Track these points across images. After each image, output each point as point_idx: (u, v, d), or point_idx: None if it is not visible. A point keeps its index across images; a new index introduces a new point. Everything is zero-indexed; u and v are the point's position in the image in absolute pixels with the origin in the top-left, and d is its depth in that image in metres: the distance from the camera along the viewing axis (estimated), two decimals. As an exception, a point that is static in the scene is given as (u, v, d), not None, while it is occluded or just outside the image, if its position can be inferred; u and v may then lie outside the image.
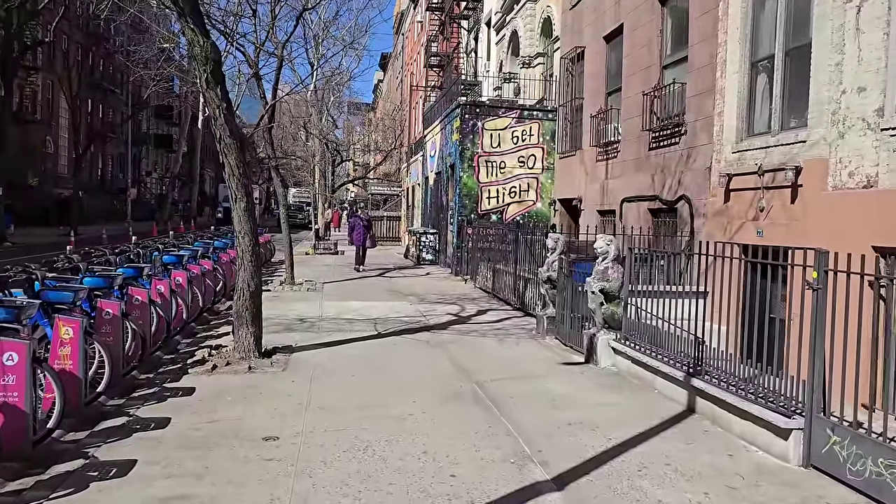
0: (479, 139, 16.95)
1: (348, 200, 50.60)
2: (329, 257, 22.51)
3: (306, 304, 11.84)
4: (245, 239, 7.39)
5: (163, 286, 8.18)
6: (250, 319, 7.45)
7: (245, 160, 7.30)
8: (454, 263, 17.47)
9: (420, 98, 33.88)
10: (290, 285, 14.20)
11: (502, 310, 11.71)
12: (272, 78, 14.16)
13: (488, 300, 13.01)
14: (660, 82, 11.75)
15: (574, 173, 15.64)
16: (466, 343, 8.71)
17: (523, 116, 17.16)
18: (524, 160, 17.19)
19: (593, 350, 7.35)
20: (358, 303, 12.23)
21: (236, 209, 7.34)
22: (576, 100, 15.66)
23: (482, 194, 17.01)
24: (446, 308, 11.79)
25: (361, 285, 14.94)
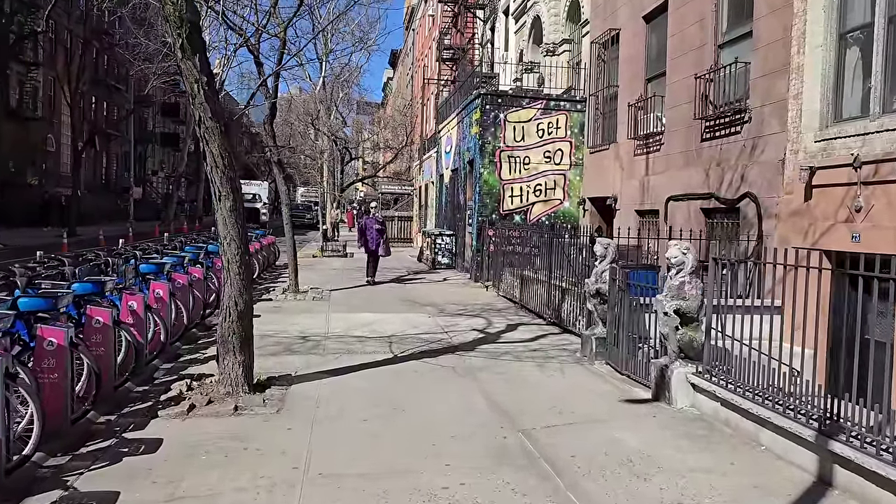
0: (500, 132, 15.48)
1: (357, 200, 49.19)
2: (337, 260, 21.10)
3: (311, 318, 10.42)
4: (231, 246, 5.96)
5: (136, 302, 6.77)
6: (238, 346, 6.02)
7: (232, 148, 5.88)
8: (473, 268, 16.01)
9: (432, 94, 32.44)
10: (294, 293, 12.79)
11: (534, 324, 10.24)
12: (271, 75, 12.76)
13: (515, 311, 11.54)
14: (715, 63, 10.25)
15: (607, 169, 14.15)
16: (501, 370, 7.26)
17: (549, 107, 15.68)
18: (550, 155, 15.70)
19: (665, 386, 5.88)
20: (370, 315, 10.79)
21: (220, 209, 5.92)
22: (609, 88, 14.16)
23: (504, 193, 15.55)
24: (470, 322, 10.34)
25: (373, 293, 13.50)
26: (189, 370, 7.11)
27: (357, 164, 55.55)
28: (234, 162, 5.91)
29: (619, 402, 6.06)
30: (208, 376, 6.56)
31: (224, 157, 5.81)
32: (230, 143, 5.89)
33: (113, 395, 5.94)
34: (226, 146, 5.83)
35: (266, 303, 11.96)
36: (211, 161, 5.81)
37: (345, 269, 18.11)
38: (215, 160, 5.79)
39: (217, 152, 5.78)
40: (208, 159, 5.83)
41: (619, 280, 7.19)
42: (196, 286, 9.30)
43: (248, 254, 6.13)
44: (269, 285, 14.46)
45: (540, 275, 10.91)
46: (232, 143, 5.93)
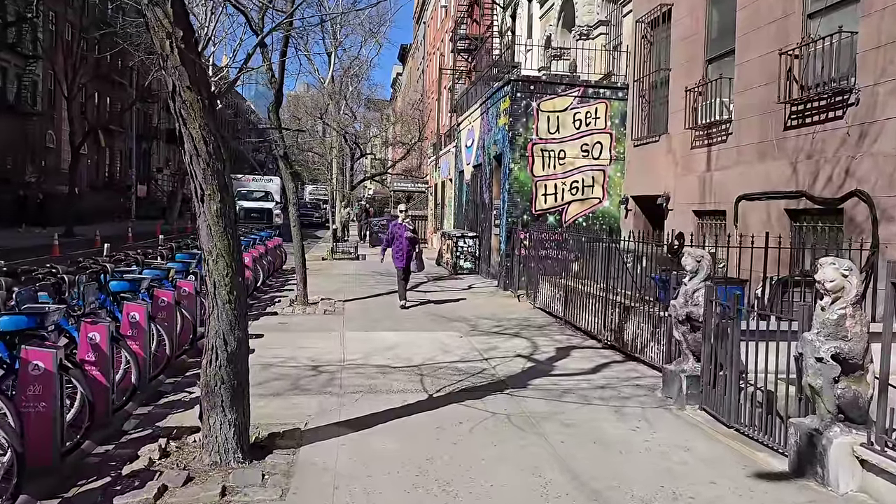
0: (533, 123, 13.83)
1: (366, 198, 47.63)
2: (349, 263, 19.53)
3: (323, 338, 8.84)
4: (219, 264, 4.37)
5: (98, 333, 5.20)
6: (228, 399, 4.43)
7: (218, 130, 4.29)
8: (502, 275, 14.38)
9: (446, 88, 30.81)
10: (303, 306, 11.22)
11: (588, 347, 8.61)
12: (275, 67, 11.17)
13: (560, 330, 9.91)
14: (805, 37, 8.58)
15: (656, 164, 12.49)
16: (569, 418, 5.64)
17: (587, 95, 14.02)
18: (588, 149, 14.05)
19: (816, 459, 4.25)
20: (391, 335, 9.20)
21: (204, 213, 4.33)
22: (658, 72, 12.49)
23: (537, 191, 13.91)
24: (511, 344, 8.72)
25: (392, 305, 11.90)
26: (170, 418, 5.53)
27: (366, 162, 54.04)
28: (221, 149, 4.32)
29: (748, 479, 4.42)
30: (192, 431, 4.99)
31: (208, 141, 4.22)
32: (215, 123, 4.30)
33: (59, 465, 4.37)
34: (210, 127, 4.24)
35: (270, 318, 10.38)
36: (190, 147, 4.23)
37: (358, 275, 16.54)
38: (195, 146, 4.20)
39: (198, 135, 4.19)
40: (186, 145, 4.24)
41: (727, 305, 5.56)
42: (186, 303, 7.73)
43: (241, 273, 4.53)
44: (275, 295, 12.89)
45: (592, 287, 9.27)
46: (217, 125, 4.34)
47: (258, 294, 12.93)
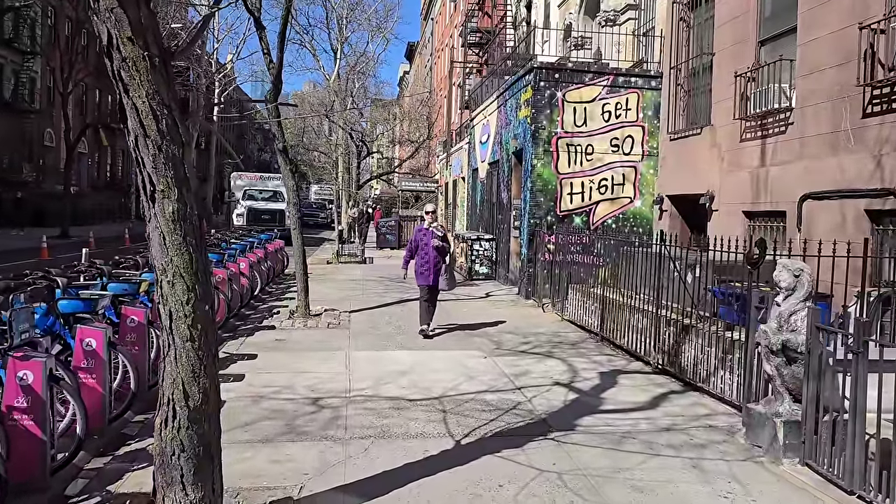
0: (558, 115, 12.58)
1: (372, 198, 46.45)
2: (356, 268, 18.32)
3: (325, 359, 7.62)
4: (177, 287, 3.14)
5: (31, 372, 4.00)
6: (191, 472, 3.21)
7: (175, 100, 3.06)
8: (523, 282, 13.14)
9: (456, 84, 29.60)
10: (304, 318, 10.00)
11: (636, 372, 7.36)
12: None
13: (598, 348, 8.66)
14: (890, 9, 7.31)
15: (696, 160, 11.23)
16: (636, 477, 4.40)
17: (617, 84, 12.76)
18: (618, 143, 12.79)
19: None
20: (405, 354, 7.97)
21: (155, 216, 3.12)
22: (700, 57, 11.23)
23: (562, 189, 12.65)
24: (544, 367, 7.47)
25: (404, 317, 10.68)
26: (128, 477, 4.33)
27: (372, 162, 52.84)
28: (178, 126, 3.10)
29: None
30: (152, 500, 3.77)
31: (160, 116, 3.00)
32: (172, 91, 3.08)
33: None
34: (163, 96, 3.02)
35: (267, 332, 9.17)
36: (134, 124, 3.02)
37: (365, 280, 15.32)
38: (142, 122, 2.99)
39: (145, 107, 2.97)
40: (129, 122, 3.03)
41: (840, 330, 4.31)
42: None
43: (208, 299, 3.29)
44: (274, 304, 11.68)
45: (638, 300, 8.01)
46: (175, 93, 3.12)
47: (255, 303, 11.73)
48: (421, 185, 30.84)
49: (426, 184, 30.39)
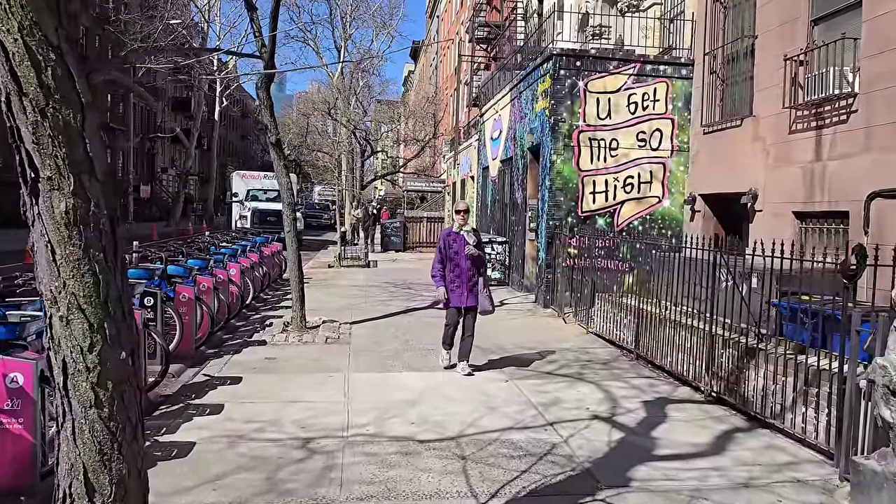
0: (579, 106, 11.48)
1: (377, 199, 45.41)
2: (359, 272, 17.24)
3: (320, 385, 6.53)
4: (75, 327, 2.05)
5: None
6: None
7: (73, 40, 1.97)
8: (541, 289, 12.04)
9: (463, 83, 28.53)
10: (299, 331, 8.93)
11: (686, 400, 6.25)
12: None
13: (633, 367, 7.56)
14: None
15: (735, 154, 10.12)
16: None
17: (644, 73, 11.65)
18: (645, 137, 11.68)
19: None
20: (413, 377, 6.89)
21: (39, 216, 2.02)
22: (742, 40, 10.12)
23: (584, 188, 11.55)
24: (577, 393, 6.38)
25: (411, 330, 9.61)
26: None
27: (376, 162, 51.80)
28: (76, 79, 2.01)
29: None
30: None
31: (43, 62, 1.91)
32: (72, 23, 1.99)
33: None
34: (47, 31, 1.93)
35: (257, 349, 8.10)
36: (3, 74, 1.92)
37: (368, 286, 14.24)
38: (13, 71, 1.91)
39: (18, 47, 1.89)
40: None
41: None
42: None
43: (128, 341, 2.20)
44: (268, 314, 10.61)
45: (681, 314, 6.91)
46: (75, 26, 2.03)
47: (248, 312, 10.68)
48: (427, 184, 29.76)
49: (432, 184, 29.31)
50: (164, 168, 55.65)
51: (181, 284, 7.64)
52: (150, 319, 6.95)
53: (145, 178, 50.25)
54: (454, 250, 7.00)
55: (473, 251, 6.96)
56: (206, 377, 6.78)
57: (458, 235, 7.05)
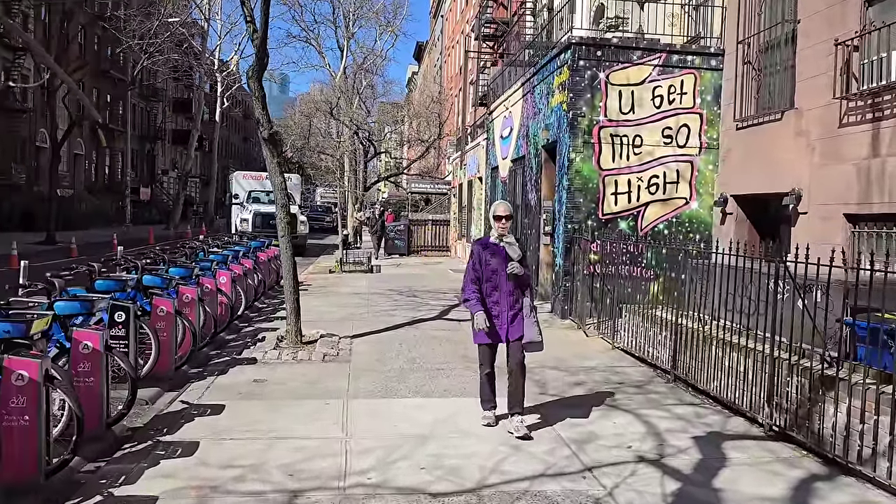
0: (600, 100, 10.58)
1: (380, 201, 44.59)
2: (361, 278, 16.35)
3: (314, 415, 5.64)
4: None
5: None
6: None
7: None
8: (558, 298, 11.12)
9: (471, 78, 27.67)
10: (294, 347, 8.04)
11: (743, 436, 5.32)
12: None
13: (672, 391, 6.64)
14: None
15: (774, 151, 9.21)
16: None
17: (670, 63, 10.75)
18: (671, 134, 10.77)
19: None
20: (421, 404, 5.98)
21: None
22: (782, 25, 9.20)
23: (605, 188, 10.64)
24: (613, 426, 5.46)
25: (417, 345, 8.71)
26: None
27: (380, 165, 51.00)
28: None
29: None
30: None
31: None
32: None
33: None
34: None
35: (245, 368, 7.21)
36: None
37: (371, 294, 13.35)
38: None
39: None
40: None
41: None
42: (89, 378, 4.58)
43: None
44: (261, 326, 9.73)
45: (730, 332, 5.99)
46: None
47: (240, 324, 9.80)
48: (431, 186, 28.89)
49: (437, 185, 28.44)
50: (165, 170, 54.91)
51: (159, 297, 6.75)
52: (121, 337, 6.09)
53: (145, 180, 49.51)
54: (491, 267, 5.25)
55: (517, 269, 5.18)
56: (183, 404, 5.89)
57: (497, 248, 5.27)
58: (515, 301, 5.26)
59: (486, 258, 5.28)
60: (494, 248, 5.29)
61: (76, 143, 39.15)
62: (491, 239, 5.35)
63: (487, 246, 5.33)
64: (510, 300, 5.24)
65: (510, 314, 5.24)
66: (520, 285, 5.30)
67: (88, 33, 38.14)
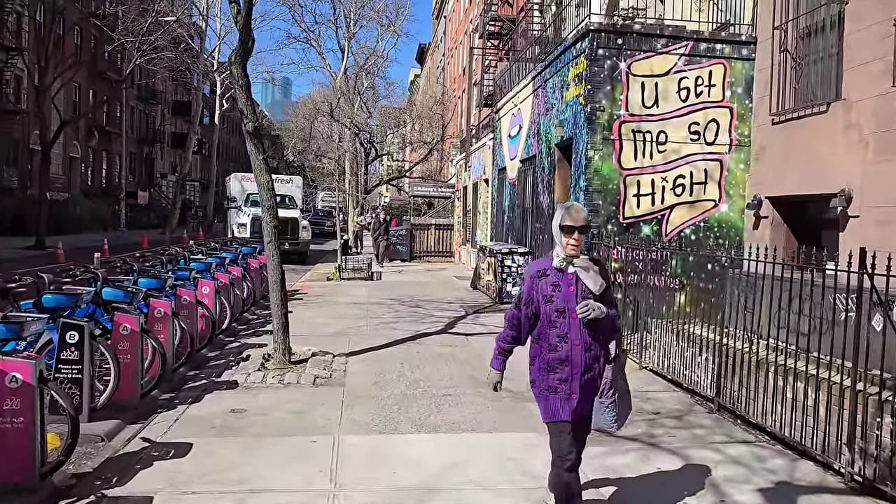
0: (621, 92, 9.66)
1: (381, 205, 43.79)
2: (360, 286, 15.41)
3: (297, 457, 4.70)
4: None
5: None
6: None
7: None
8: (574, 309, 10.14)
9: (475, 79, 26.80)
10: (281, 367, 7.11)
11: (820, 489, 4.38)
12: None
13: (717, 422, 5.70)
14: None
15: (818, 147, 8.26)
16: None
17: (697, 53, 9.83)
18: (699, 129, 9.84)
19: None
20: (427, 443, 5.04)
21: None
22: (827, 6, 8.27)
23: (626, 189, 9.71)
24: (656, 470, 4.52)
25: (421, 364, 7.77)
26: None
27: (381, 168, 50.08)
28: None
29: None
30: None
31: None
32: None
33: None
34: None
35: (223, 394, 6.27)
36: None
37: (370, 304, 12.41)
38: None
39: None
40: None
41: None
42: None
43: None
44: (248, 342, 8.79)
45: (788, 356, 5.04)
46: None
47: (225, 338, 8.88)
48: (434, 189, 27.96)
49: (440, 189, 27.51)
50: (164, 174, 54.08)
51: (123, 312, 5.82)
52: (74, 362, 5.17)
53: (144, 183, 48.67)
54: (555, 306, 3.42)
55: (595, 310, 3.35)
56: (144, 443, 4.97)
57: (563, 276, 3.45)
58: (594, 359, 3.43)
59: (546, 291, 3.43)
60: (560, 278, 3.43)
61: (72, 146, 38.38)
62: (554, 262, 3.45)
63: (547, 273, 3.46)
64: (585, 358, 3.40)
65: (583, 379, 3.41)
66: (601, 334, 3.44)
67: (84, 34, 37.36)
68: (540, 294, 3.46)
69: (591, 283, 3.43)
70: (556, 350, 3.43)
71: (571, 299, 3.41)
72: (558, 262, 3.45)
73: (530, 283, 3.52)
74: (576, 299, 3.40)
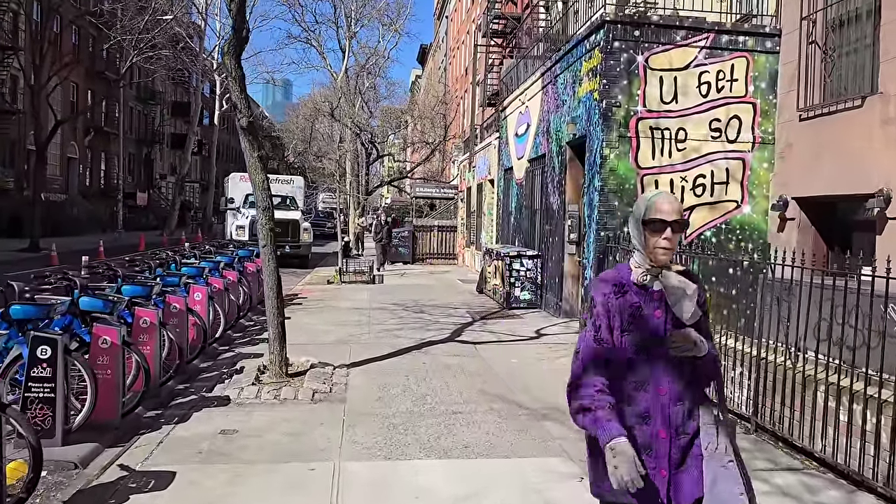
0: (638, 87, 9.14)
1: (383, 206, 43.26)
2: (362, 290, 14.88)
3: (293, 490, 4.18)
4: None
5: None
6: None
7: None
8: (588, 316, 9.61)
9: (476, 84, 26.27)
10: (277, 381, 6.58)
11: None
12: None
13: (755, 445, 5.18)
14: None
15: (850, 144, 7.74)
16: None
17: (718, 45, 9.31)
18: (720, 126, 9.32)
19: None
20: (437, 471, 4.52)
21: None
22: (858, -4, 7.76)
23: (643, 190, 9.18)
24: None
25: (428, 377, 7.24)
26: None
27: (382, 169, 49.60)
28: None
29: None
30: None
31: None
32: None
33: None
34: None
35: (213, 412, 5.74)
36: None
37: (372, 309, 11.88)
38: None
39: None
40: None
41: None
42: None
43: None
44: (243, 351, 8.26)
45: (833, 372, 4.51)
46: None
47: (219, 349, 8.36)
48: (437, 190, 27.40)
49: (443, 190, 26.97)
50: (164, 175, 53.58)
51: (102, 324, 5.30)
52: (46, 379, 4.65)
53: (143, 184, 48.17)
54: (638, 335, 2.28)
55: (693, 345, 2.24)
56: (122, 471, 4.44)
57: (646, 296, 2.31)
58: (688, 414, 2.30)
59: (625, 312, 2.29)
60: (642, 298, 2.30)
61: (69, 147, 37.91)
62: (633, 276, 2.32)
63: (625, 289, 2.31)
64: (677, 413, 2.28)
65: (677, 444, 2.27)
66: (697, 379, 2.33)
67: (82, 33, 36.90)
68: (623, 312, 2.28)
69: (687, 307, 2.28)
70: (631, 402, 2.27)
71: (660, 328, 2.28)
72: (639, 275, 2.30)
73: (607, 299, 2.30)
74: (664, 328, 2.28)
